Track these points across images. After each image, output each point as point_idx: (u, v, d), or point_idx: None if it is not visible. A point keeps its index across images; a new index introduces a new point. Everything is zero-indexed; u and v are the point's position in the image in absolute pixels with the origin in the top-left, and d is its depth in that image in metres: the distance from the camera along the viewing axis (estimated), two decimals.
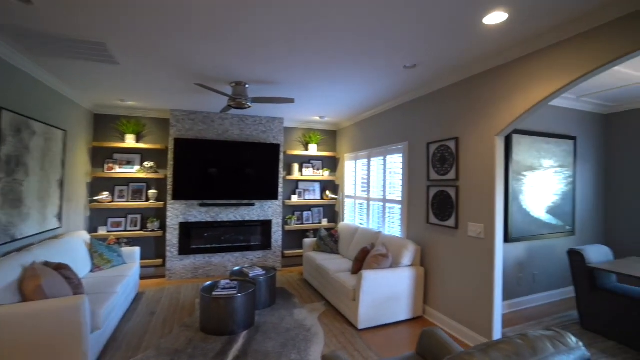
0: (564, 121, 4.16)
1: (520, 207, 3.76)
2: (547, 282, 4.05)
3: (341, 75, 3.26)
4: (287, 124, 5.65)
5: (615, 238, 4.43)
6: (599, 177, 4.50)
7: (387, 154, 4.33)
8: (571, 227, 4.17)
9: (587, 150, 4.38)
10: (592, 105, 4.32)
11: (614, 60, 1.99)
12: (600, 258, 3.39)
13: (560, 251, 4.13)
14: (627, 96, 3.97)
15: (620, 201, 4.39)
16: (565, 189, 4.11)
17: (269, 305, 3.80)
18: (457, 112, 3.17)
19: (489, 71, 2.85)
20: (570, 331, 3.27)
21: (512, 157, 3.70)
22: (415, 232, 3.72)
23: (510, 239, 3.68)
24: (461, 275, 3.06)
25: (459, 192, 3.11)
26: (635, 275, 2.81)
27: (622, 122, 4.39)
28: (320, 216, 5.83)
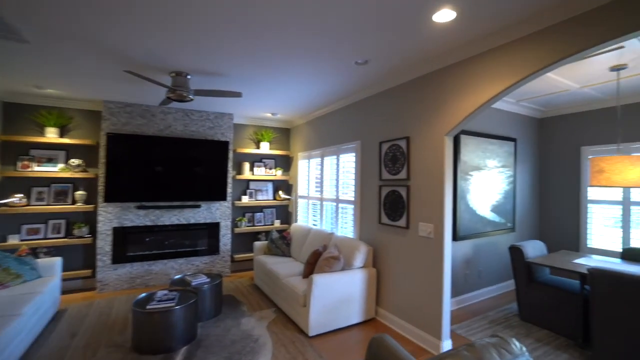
0: (505, 123, 4.38)
1: (468, 206, 3.87)
2: (491, 277, 4.23)
3: (291, 70, 3.08)
4: (237, 120, 5.34)
5: (548, 233, 4.78)
6: (534, 177, 4.82)
7: (340, 153, 4.24)
8: (512, 224, 4.41)
9: (525, 151, 4.66)
10: (529, 109, 4.61)
11: (555, 62, 2.04)
12: (536, 252, 3.59)
13: (502, 247, 4.34)
14: (557, 102, 4.28)
15: (552, 199, 4.74)
16: (507, 188, 4.33)
17: (214, 316, 3.50)
18: (408, 111, 3.15)
19: (440, 70, 2.85)
20: (511, 322, 3.42)
21: (460, 157, 3.79)
22: (368, 232, 3.66)
23: (458, 237, 3.77)
24: (412, 275, 3.05)
25: (409, 191, 3.09)
26: (564, 267, 2.99)
27: (553, 126, 4.74)
28: (273, 217, 5.60)
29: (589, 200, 4.37)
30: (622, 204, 4.08)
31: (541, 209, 4.88)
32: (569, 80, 3.45)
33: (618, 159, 2.87)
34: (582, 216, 4.41)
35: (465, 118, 2.59)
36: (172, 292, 3.17)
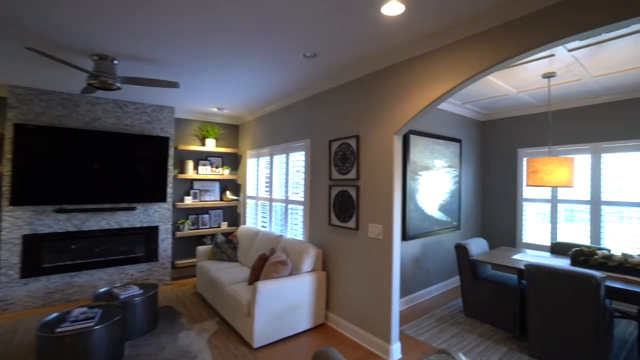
0: (452, 125, 4.52)
1: (417, 205, 3.90)
2: (438, 274, 4.34)
3: (235, 60, 2.83)
4: (179, 115, 4.90)
5: (489, 230, 5.04)
6: (478, 177, 5.06)
7: (290, 151, 4.05)
8: (457, 222, 4.56)
9: (469, 152, 4.86)
10: (473, 112, 4.81)
11: (497, 63, 2.05)
12: (479, 250, 3.72)
13: (449, 245, 4.48)
14: (498, 106, 4.52)
15: (492, 198, 5.00)
16: (453, 187, 4.46)
17: (148, 332, 3.13)
18: (358, 109, 3.06)
19: (389, 68, 2.79)
20: (457, 319, 3.51)
21: (409, 157, 3.80)
22: (318, 234, 3.52)
23: (408, 237, 3.78)
24: (362, 278, 2.96)
25: (359, 192, 3.00)
26: (504, 264, 3.11)
27: (494, 128, 5.01)
28: (220, 219, 5.25)
29: (524, 199, 4.68)
30: (550, 202, 4.41)
31: (483, 207, 5.13)
32: (508, 85, 3.61)
33: (549, 160, 3.04)
34: (518, 214, 4.71)
35: (413, 117, 2.55)
36: (94, 308, 2.75)
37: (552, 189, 4.40)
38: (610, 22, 1.61)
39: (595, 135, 4.04)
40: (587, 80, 3.40)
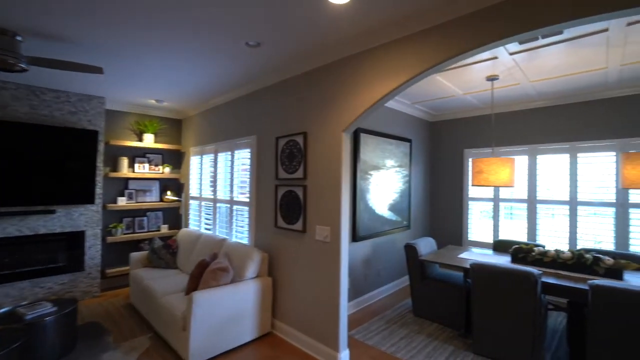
0: (402, 124, 4.54)
1: (367, 205, 3.84)
2: (389, 274, 4.33)
3: (171, 48, 2.51)
4: (111, 106, 4.38)
5: (438, 229, 5.17)
6: (427, 176, 5.16)
7: (235, 148, 3.78)
8: (407, 222, 4.59)
9: (419, 152, 4.93)
10: (422, 112, 4.89)
11: (449, 59, 1.99)
12: (428, 249, 3.75)
13: (399, 245, 4.49)
14: (446, 107, 4.63)
15: (441, 198, 5.14)
16: (403, 187, 4.48)
17: (64, 355, 2.69)
18: (306, 104, 2.89)
19: (336, 62, 2.65)
20: (406, 319, 3.49)
21: (360, 156, 3.72)
22: (264, 237, 3.30)
23: (358, 238, 3.70)
24: (309, 283, 2.80)
25: (306, 192, 2.84)
26: (451, 263, 3.14)
27: (442, 129, 5.15)
28: (160, 222, 4.80)
29: (470, 198, 4.85)
30: (493, 201, 4.61)
31: (432, 206, 5.25)
32: (455, 87, 3.67)
33: (493, 161, 3.12)
34: (464, 213, 4.87)
35: (362, 114, 2.43)
36: None
37: (495, 188, 4.60)
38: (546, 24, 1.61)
39: (532, 137, 4.28)
40: (525, 85, 3.56)
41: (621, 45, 2.58)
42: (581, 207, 3.93)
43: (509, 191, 4.51)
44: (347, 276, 2.62)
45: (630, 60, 2.86)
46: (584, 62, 2.89)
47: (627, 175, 2.47)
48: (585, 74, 3.19)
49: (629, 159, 2.46)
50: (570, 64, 2.95)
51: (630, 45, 2.60)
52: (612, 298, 2.15)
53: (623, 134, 3.68)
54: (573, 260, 2.77)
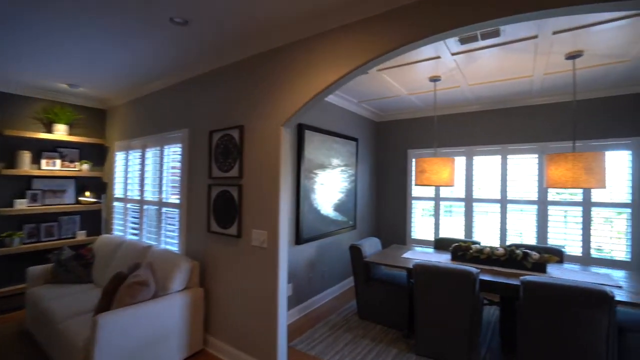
0: (349, 123, 4.46)
1: (312, 206, 3.67)
2: (335, 276, 4.21)
3: (82, 20, 2.07)
4: (6, 88, 3.64)
5: (383, 229, 5.20)
6: (372, 176, 5.15)
7: (165, 143, 3.36)
8: (353, 222, 4.52)
9: (365, 151, 4.90)
10: (369, 111, 4.86)
11: (391, 50, 1.87)
12: (373, 250, 3.69)
13: (345, 245, 4.40)
14: (391, 107, 4.65)
15: (386, 197, 5.17)
16: (349, 186, 4.40)
17: None
18: (243, 95, 2.62)
19: (275, 50, 2.43)
20: (351, 323, 3.38)
21: (304, 154, 3.53)
22: (196, 243, 2.95)
23: (302, 240, 3.51)
24: (245, 294, 2.53)
25: (242, 192, 2.57)
26: (395, 264, 3.09)
27: (387, 129, 5.18)
28: (76, 228, 4.13)
29: (413, 197, 4.94)
30: (434, 200, 4.75)
31: (378, 206, 5.27)
32: (400, 86, 3.66)
33: (435, 161, 3.13)
34: (408, 212, 4.95)
35: (302, 107, 2.24)
36: None
37: (436, 187, 4.73)
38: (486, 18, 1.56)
39: (469, 139, 4.47)
40: (464, 88, 3.67)
41: (546, 54, 2.73)
42: (510, 205, 4.18)
43: (448, 190, 4.67)
44: (286, 284, 2.40)
45: (551, 70, 3.05)
46: (514, 68, 3.03)
47: (551, 175, 2.60)
48: (515, 80, 3.36)
49: (552, 160, 2.60)
50: (502, 69, 3.07)
51: (554, 56, 2.76)
52: (539, 291, 2.23)
53: (544, 138, 3.99)
54: (506, 257, 2.87)
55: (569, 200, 3.85)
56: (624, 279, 2.60)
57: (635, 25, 2.25)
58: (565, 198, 3.88)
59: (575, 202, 3.81)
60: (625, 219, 3.61)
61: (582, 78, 3.26)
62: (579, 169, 2.46)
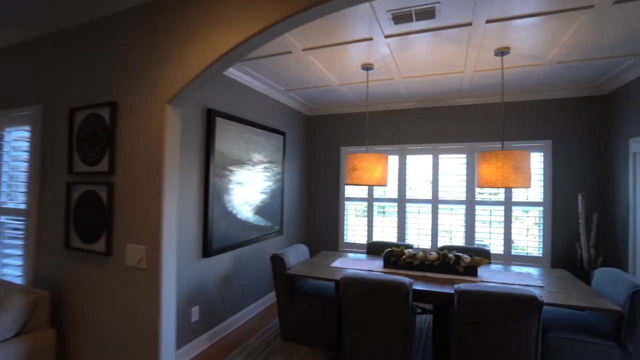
0: (275, 114, 3.93)
1: (226, 209, 3.06)
2: (258, 290, 3.64)
3: None
4: None
5: (314, 233, 4.78)
6: (302, 175, 4.71)
7: (7, 125, 2.43)
8: (279, 226, 4.01)
9: (294, 147, 4.43)
10: (298, 103, 4.40)
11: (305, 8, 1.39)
12: (299, 258, 3.22)
13: (269, 254, 3.86)
14: (322, 99, 4.25)
15: (317, 198, 4.77)
16: (274, 186, 3.87)
17: None
18: (115, 63, 1.92)
19: (154, 3, 1.79)
20: (273, 347, 2.87)
21: (214, 146, 2.91)
22: (50, 265, 2.13)
23: (212, 252, 2.89)
24: (117, 332, 1.84)
25: (114, 193, 1.87)
26: (320, 276, 2.66)
27: (319, 124, 4.79)
28: None
29: (346, 198, 4.62)
30: (367, 201, 4.49)
31: (308, 208, 4.84)
32: (331, 74, 3.26)
33: (367, 157, 2.79)
34: (341, 214, 4.62)
35: (195, 80, 1.66)
36: None
37: (370, 187, 4.48)
38: None
39: (402, 137, 4.30)
40: (397, 82, 3.42)
41: (477, 47, 2.58)
42: (441, 205, 4.10)
43: (382, 190, 4.45)
44: (173, 315, 1.78)
45: (481, 66, 2.95)
46: (447, 61, 2.84)
47: (482, 174, 2.44)
48: (447, 76, 3.21)
49: (484, 158, 2.43)
50: (436, 62, 2.86)
51: (484, 51, 2.63)
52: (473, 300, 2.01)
53: (473, 138, 3.98)
54: (439, 261, 2.65)
55: (493, 200, 3.88)
56: (540, 277, 2.55)
57: (551, 25, 2.20)
58: (489, 198, 3.91)
59: (498, 201, 3.85)
60: (538, 216, 3.74)
61: (508, 78, 3.25)
62: (508, 167, 2.31)
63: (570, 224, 3.55)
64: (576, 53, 2.63)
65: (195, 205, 2.73)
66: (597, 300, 2.05)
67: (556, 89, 3.56)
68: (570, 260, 3.54)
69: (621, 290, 2.08)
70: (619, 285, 2.11)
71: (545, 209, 3.65)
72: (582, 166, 3.54)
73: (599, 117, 3.47)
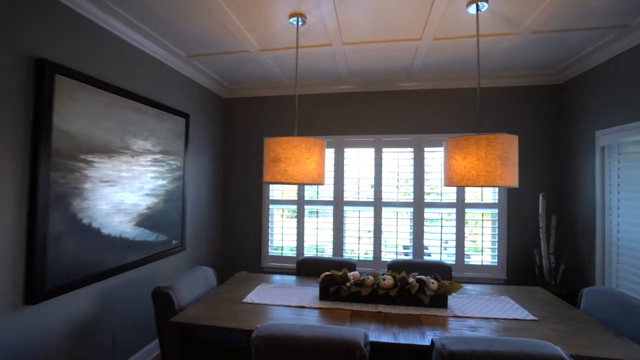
0: (173, 88, 2.87)
1: (76, 222, 1.93)
2: (140, 334, 2.53)
3: None
4: None
5: (232, 247, 3.78)
6: (214, 172, 3.68)
7: None
8: (179, 241, 2.94)
9: (204, 136, 3.39)
10: (210, 80, 3.37)
11: None
12: (199, 289, 2.23)
13: (163, 278, 2.77)
14: (240, 74, 3.30)
15: (234, 202, 3.78)
16: (171, 186, 2.80)
17: None
18: None
19: None
20: None
21: (53, 123, 1.78)
22: None
23: (46, 293, 1.75)
24: None
25: None
26: (220, 325, 1.72)
27: (239, 109, 3.82)
28: None
29: (272, 201, 3.72)
30: (297, 204, 3.65)
31: (223, 215, 3.82)
32: (248, 32, 2.35)
33: (295, 143, 1.94)
34: (265, 221, 3.70)
35: None
36: None
37: (300, 187, 3.65)
38: None
39: (340, 127, 3.57)
40: (336, 50, 2.66)
41: (444, 5, 1.94)
42: (386, 208, 3.47)
43: (313, 190, 3.66)
44: None
45: (444, 32, 2.34)
46: (403, 20, 2.16)
47: (457, 169, 1.78)
48: (399, 45, 2.54)
49: (458, 147, 1.78)
50: (389, 21, 2.16)
51: (451, 9, 2.01)
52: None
53: (420, 130, 3.43)
54: (396, 289, 1.91)
55: (445, 202, 3.36)
56: (520, 302, 2.00)
57: None
58: (440, 199, 3.39)
59: (449, 203, 3.35)
60: (491, 219, 3.32)
61: (466, 57, 2.71)
62: (494, 158, 1.68)
63: (529, 228, 3.18)
64: (556, 20, 2.15)
65: (8, 219, 1.58)
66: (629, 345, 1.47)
67: (516, 75, 3.17)
68: (527, 269, 3.17)
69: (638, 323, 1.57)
70: (633, 316, 1.60)
71: (500, 212, 3.24)
72: (543, 162, 3.20)
73: (562, 107, 3.15)
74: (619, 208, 2.51)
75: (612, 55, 2.51)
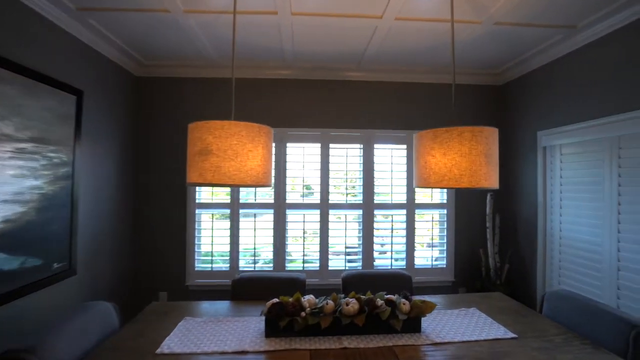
0: (58, 55, 2.07)
1: None
2: None
3: None
4: None
5: (147, 263, 3.03)
6: (123, 170, 2.90)
7: None
8: (67, 261, 2.15)
9: (106, 123, 2.60)
10: (117, 50, 2.61)
11: None
12: (89, 341, 1.56)
13: (40, 316, 1.97)
14: (161, 48, 2.62)
15: (150, 208, 3.05)
16: (51, 189, 2.02)
17: None
18: None
19: None
20: None
21: None
22: None
23: None
24: None
25: None
26: None
27: (158, 92, 3.08)
28: None
29: (198, 204, 3.08)
30: (230, 208, 3.09)
31: (135, 223, 3.05)
32: None
33: (233, 129, 1.42)
34: (190, 228, 3.05)
35: None
36: None
37: (233, 189, 3.09)
38: None
39: (281, 118, 3.12)
40: (283, 22, 2.20)
41: None
42: (333, 210, 3.12)
43: (250, 191, 3.14)
44: None
45: (407, 12, 2.05)
46: None
47: (435, 167, 1.48)
48: (356, 22, 2.19)
49: (437, 141, 1.48)
50: None
51: None
52: None
53: (371, 124, 3.16)
54: (363, 316, 1.54)
55: (395, 203, 3.15)
56: (490, 315, 1.81)
57: None
58: (390, 200, 3.17)
59: (399, 203, 3.14)
60: (439, 220, 3.23)
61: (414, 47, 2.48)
62: (478, 154, 1.42)
63: (476, 228, 3.14)
64: (518, 12, 2.02)
65: None
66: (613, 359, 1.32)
67: (464, 72, 3.09)
68: (474, 269, 3.12)
69: (608, 330, 1.46)
70: (602, 324, 1.49)
71: (448, 212, 3.14)
72: None
73: (504, 108, 3.16)
74: (562, 207, 2.55)
75: (552, 59, 2.54)
